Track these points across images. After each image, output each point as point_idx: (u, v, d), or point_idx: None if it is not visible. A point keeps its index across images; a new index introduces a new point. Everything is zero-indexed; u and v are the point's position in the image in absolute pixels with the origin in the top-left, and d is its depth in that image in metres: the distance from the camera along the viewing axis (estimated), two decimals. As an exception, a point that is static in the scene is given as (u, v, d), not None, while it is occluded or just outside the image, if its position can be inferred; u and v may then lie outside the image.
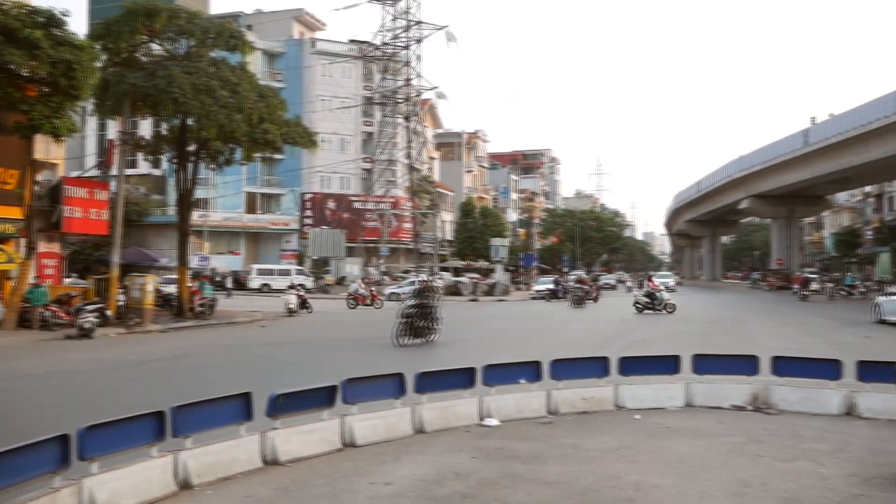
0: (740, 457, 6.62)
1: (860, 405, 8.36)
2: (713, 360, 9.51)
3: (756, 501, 5.33)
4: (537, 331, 21.85)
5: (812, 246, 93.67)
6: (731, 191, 66.83)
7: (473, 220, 68.26)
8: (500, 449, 6.96)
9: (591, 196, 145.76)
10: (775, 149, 55.67)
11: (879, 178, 61.19)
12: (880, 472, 6.08)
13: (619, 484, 5.78)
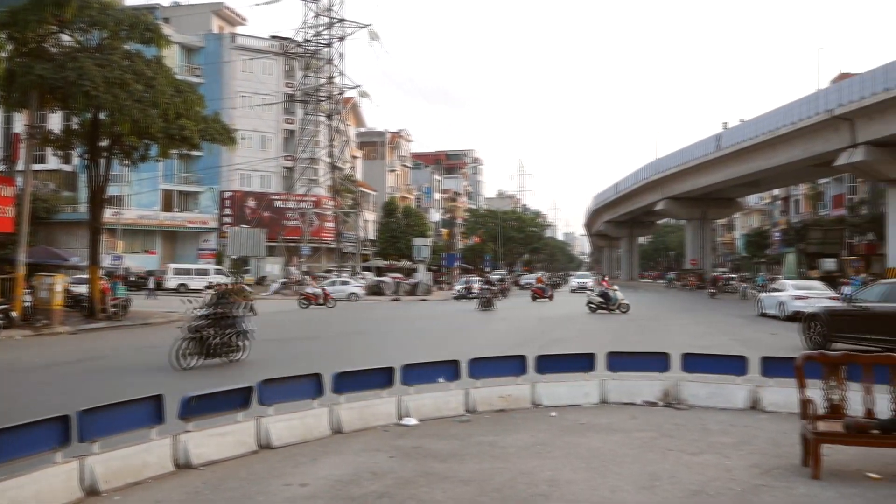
0: (651, 451, 6.81)
1: (764, 399, 8.71)
2: (627, 357, 9.76)
3: (664, 494, 5.49)
4: (457, 330, 21.98)
5: (724, 246, 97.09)
6: (648, 192, 68.68)
7: (396, 219, 68.26)
8: (417, 448, 6.98)
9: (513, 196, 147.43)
10: (689, 152, 57.49)
11: (786, 182, 63.90)
12: (780, 462, 6.35)
13: (533, 480, 5.87)
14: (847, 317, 15.18)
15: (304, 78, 59.22)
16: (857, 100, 37.09)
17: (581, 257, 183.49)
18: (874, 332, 14.14)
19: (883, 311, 14.13)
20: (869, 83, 36.67)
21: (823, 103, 40.00)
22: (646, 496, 5.44)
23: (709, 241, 71.44)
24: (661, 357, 9.39)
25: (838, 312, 15.70)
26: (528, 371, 9.22)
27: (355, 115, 73.29)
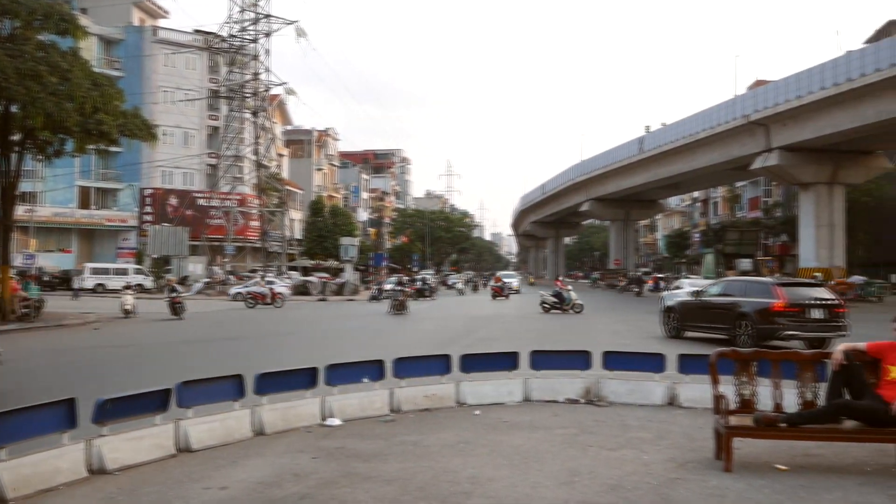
0: (571, 447, 6.93)
1: (681, 395, 8.97)
2: (550, 356, 9.91)
3: (583, 488, 5.60)
4: (384, 330, 21.92)
5: (646, 247, 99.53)
6: (574, 194, 69.86)
7: (323, 218, 67.64)
8: (340, 448, 6.94)
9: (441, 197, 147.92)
10: (613, 155, 58.73)
11: (705, 185, 65.92)
12: (695, 456, 6.55)
13: (456, 478, 5.90)
14: (694, 309, 17.77)
15: (229, 74, 58.14)
16: (771, 106, 38.55)
17: (508, 257, 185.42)
18: (712, 321, 16.89)
19: (719, 304, 16.79)
20: (783, 90, 38.14)
21: (740, 109, 41.43)
22: (565, 491, 5.53)
23: (632, 241, 73.12)
24: (582, 355, 9.56)
25: (689, 305, 18.23)
26: (453, 370, 9.27)
27: (282, 113, 72.33)
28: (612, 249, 71.36)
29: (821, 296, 15.53)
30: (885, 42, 34.01)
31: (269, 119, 59.87)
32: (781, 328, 14.82)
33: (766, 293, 15.56)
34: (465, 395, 9.05)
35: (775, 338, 15.01)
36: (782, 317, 14.83)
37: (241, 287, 43.27)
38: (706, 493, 5.48)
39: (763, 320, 15.05)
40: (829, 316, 15.01)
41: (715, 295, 17.43)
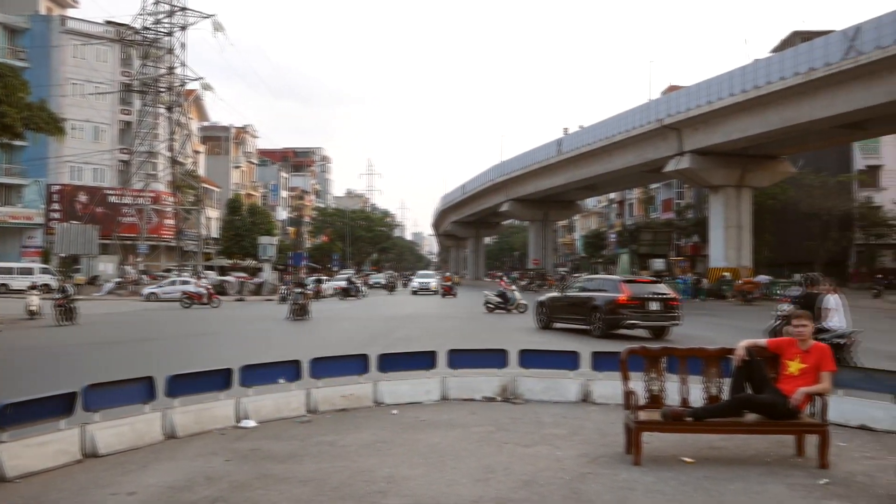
0: (487, 445, 7.01)
1: (594, 392, 9.18)
2: (467, 354, 9.99)
3: (498, 485, 5.67)
4: (304, 330, 21.69)
5: (565, 247, 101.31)
6: (494, 194, 70.54)
7: (241, 217, 66.34)
8: (255, 450, 6.84)
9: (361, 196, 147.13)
10: (533, 156, 59.59)
11: (621, 186, 67.57)
12: (606, 451, 6.71)
13: (372, 477, 5.89)
14: (560, 303, 20.32)
15: (143, 67, 56.41)
16: (683, 111, 39.83)
17: (429, 257, 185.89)
18: (573, 313, 19.36)
19: (578, 298, 19.41)
20: (694, 96, 39.46)
21: (654, 113, 42.65)
22: (480, 488, 5.60)
23: (550, 241, 74.34)
24: (499, 354, 9.67)
25: (556, 300, 20.65)
26: (371, 370, 9.25)
27: (198, 109, 70.65)
28: (532, 249, 72.36)
29: (658, 291, 18.32)
30: (788, 52, 35.57)
31: (185, 115, 58.38)
32: (625, 318, 17.54)
33: (614, 289, 18.26)
34: (383, 394, 9.04)
35: (621, 326, 17.73)
36: (626, 308, 17.51)
37: (155, 287, 42.08)
38: (616, 487, 5.63)
39: (611, 311, 17.69)
40: (664, 308, 17.76)
41: (576, 291, 20.31)
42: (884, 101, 30.15)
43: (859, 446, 6.98)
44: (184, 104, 58.19)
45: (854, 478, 5.90)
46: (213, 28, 55.57)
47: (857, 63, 29.81)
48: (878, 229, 51.78)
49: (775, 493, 5.48)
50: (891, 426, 7.61)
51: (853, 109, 31.68)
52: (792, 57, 33.90)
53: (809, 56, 32.51)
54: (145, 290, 41.46)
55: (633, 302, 17.54)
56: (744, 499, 5.36)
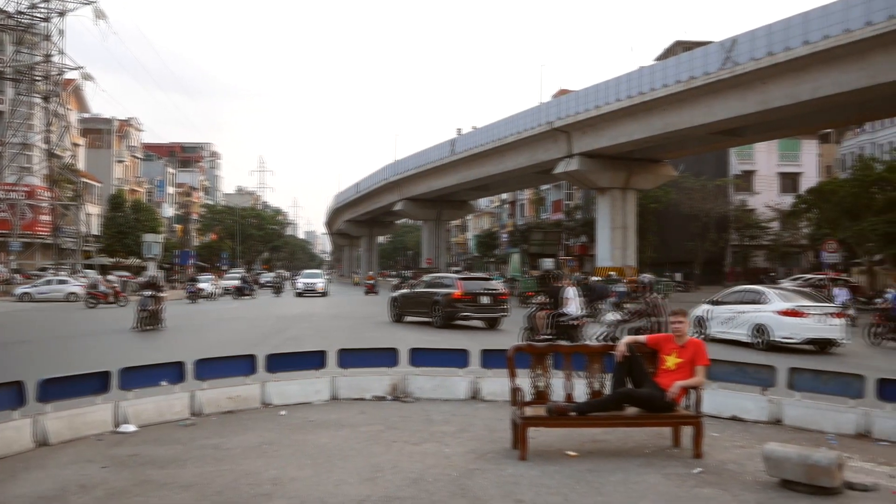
0: (377, 444, 6.99)
1: (483, 389, 9.30)
2: (357, 353, 9.94)
3: (385, 483, 5.67)
4: (192, 329, 21.04)
5: (458, 246, 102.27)
6: (388, 193, 70.41)
7: (124, 213, 63.69)
8: (134, 456, 6.58)
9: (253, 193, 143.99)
10: (427, 155, 59.81)
11: (513, 187, 68.74)
12: (494, 447, 6.82)
13: (257, 480, 5.78)
14: (409, 298, 22.68)
15: (16, 54, 53.28)
16: (573, 114, 40.88)
17: (322, 256, 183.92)
18: (419, 307, 21.64)
19: (423, 294, 21.89)
20: (583, 100, 40.57)
21: (545, 116, 43.60)
22: (368, 487, 5.58)
23: (444, 241, 74.83)
24: (390, 352, 9.66)
25: (406, 296, 23.05)
26: (259, 370, 9.06)
27: (77, 99, 67.32)
28: (425, 248, 72.64)
29: (490, 287, 21.14)
30: (671, 60, 37.09)
31: (63, 105, 55.49)
32: (460, 310, 20.12)
33: (452, 285, 20.84)
34: (271, 395, 8.88)
35: (457, 318, 20.25)
36: (460, 302, 20.10)
37: (28, 287, 39.88)
38: (502, 482, 5.72)
39: (448, 305, 20.21)
40: (494, 302, 20.39)
41: (422, 288, 22.73)
42: (757, 110, 31.85)
43: (730, 436, 7.36)
44: (62, 94, 55.32)
45: (725, 466, 6.22)
46: (95, 15, 53.10)
47: (734, 73, 31.36)
48: (752, 231, 54.75)
49: (653, 483, 5.70)
50: (759, 416, 8.06)
51: (729, 117, 33.32)
52: (674, 65, 35.35)
53: (690, 65, 33.99)
54: (18, 290, 39.22)
55: (466, 297, 20.11)
56: (623, 489, 5.55)
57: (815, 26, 28.10)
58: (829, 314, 16.21)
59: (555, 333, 13.07)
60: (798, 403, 7.95)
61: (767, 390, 8.16)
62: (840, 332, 16.09)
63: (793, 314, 15.97)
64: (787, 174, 59.54)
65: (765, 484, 5.66)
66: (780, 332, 15.90)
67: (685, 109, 34.74)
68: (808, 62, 28.56)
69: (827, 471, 5.33)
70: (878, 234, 36.51)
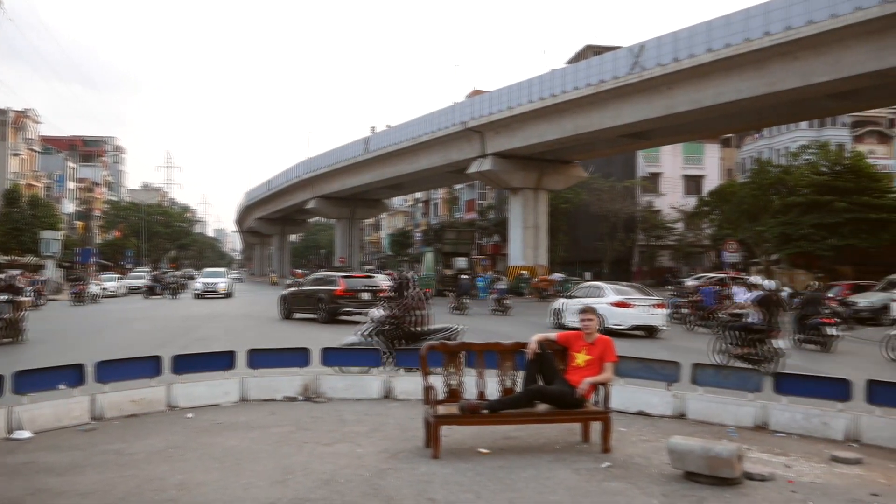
0: (287, 445, 6.87)
1: (396, 388, 9.27)
2: (268, 353, 9.76)
3: (296, 485, 5.57)
4: (94, 330, 20.24)
5: (371, 245, 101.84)
6: (300, 191, 69.51)
7: (20, 209, 60.63)
8: (29, 463, 6.26)
9: (159, 189, 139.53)
10: (340, 153, 59.32)
11: (427, 186, 68.94)
12: (406, 446, 6.80)
13: (162, 485, 5.59)
14: (297, 296, 23.54)
15: None
16: (486, 115, 41.28)
17: (233, 254, 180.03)
18: (305, 304, 22.64)
19: (308, 291, 22.93)
20: (497, 101, 41.02)
21: (459, 116, 43.87)
22: (278, 490, 5.47)
23: (357, 239, 74.38)
24: (301, 352, 9.52)
25: (294, 294, 23.90)
26: (165, 372, 8.78)
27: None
28: (338, 247, 71.99)
29: (370, 284, 22.31)
30: (582, 64, 37.91)
31: (-46, 95, 52.55)
32: (342, 306, 21.05)
33: (334, 283, 22.02)
34: (177, 397, 8.61)
35: (340, 314, 21.08)
36: (343, 298, 21.16)
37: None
38: (415, 481, 5.70)
39: (331, 301, 21.29)
40: (374, 298, 20.06)
41: (308, 286, 23.74)
42: (663, 114, 32.88)
43: (637, 430, 7.55)
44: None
45: (632, 460, 6.37)
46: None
47: (641, 78, 32.29)
48: (658, 231, 56.51)
49: (563, 478, 5.79)
50: (664, 411, 8.31)
51: (637, 120, 34.28)
52: (585, 69, 36.13)
53: (600, 69, 34.80)
54: None
55: (348, 293, 21.22)
56: (534, 485, 5.62)
57: (718, 35, 29.20)
58: (652, 305, 19.09)
59: None
60: (701, 398, 8.23)
61: (672, 385, 8.42)
62: (661, 320, 18.98)
63: (622, 305, 18.88)
64: (691, 177, 61.70)
65: (670, 476, 5.83)
66: (613, 320, 18.35)
67: (595, 112, 35.54)
68: (711, 69, 29.66)
69: (728, 462, 5.53)
70: (775, 235, 38.28)
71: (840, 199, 36.02)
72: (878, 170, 41.47)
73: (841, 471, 6.16)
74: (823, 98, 30.06)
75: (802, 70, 27.01)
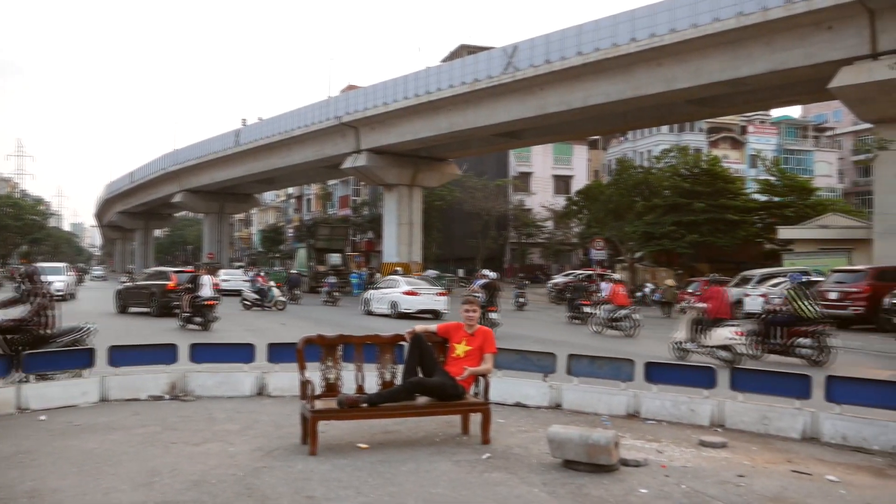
0: (153, 446, 6.47)
1: (270, 385, 8.96)
2: (131, 350, 9.20)
3: (163, 488, 5.23)
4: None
5: (242, 241, 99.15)
6: (166, 184, 66.70)
7: None
8: None
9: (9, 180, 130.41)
10: (209, 146, 57.29)
11: (301, 181, 67.81)
12: (282, 443, 6.55)
13: (11, 494, 5.10)
14: (131, 290, 24.57)
15: None
16: (361, 110, 40.92)
17: (91, 250, 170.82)
18: (139, 299, 23.54)
19: (142, 286, 24.01)
20: (372, 96, 40.73)
21: (334, 110, 43.27)
22: (143, 493, 5.11)
23: (227, 235, 72.13)
24: (168, 348, 9.03)
25: (128, 289, 24.90)
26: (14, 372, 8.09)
27: None
28: (206, 243, 69.55)
29: None
30: (457, 62, 38.25)
31: None
32: (173, 300, 21.15)
33: (167, 278, 23.03)
34: (28, 398, 7.94)
35: (172, 307, 21.10)
36: (174, 293, 21.40)
37: None
38: (292, 479, 5.48)
39: (163, 295, 22.17)
40: None
41: (143, 281, 24.86)
42: (535, 114, 33.63)
43: (515, 421, 7.60)
44: None
45: (512, 450, 6.39)
46: None
47: (515, 78, 32.89)
48: (529, 229, 57.88)
49: (444, 471, 5.72)
50: (541, 402, 8.42)
51: (510, 119, 34.91)
52: (460, 67, 36.46)
53: (475, 68, 35.20)
54: None
55: (179, 288, 21.19)
56: (415, 478, 5.51)
57: (588, 38, 30.14)
58: (435, 294, 24.36)
59: (192, 311, 18.43)
60: (576, 388, 8.39)
61: (549, 376, 8.53)
62: (443, 305, 23.88)
63: (412, 294, 24.03)
64: (560, 177, 63.60)
65: (549, 465, 5.87)
66: (404, 306, 23.59)
67: (470, 110, 35.93)
68: (581, 72, 30.59)
69: (605, 449, 5.62)
70: (639, 234, 39.98)
71: (698, 200, 38.09)
72: (731, 173, 44.17)
73: (709, 454, 6.41)
74: (684, 103, 31.65)
75: (666, 76, 28.30)
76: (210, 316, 18.38)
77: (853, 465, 6.25)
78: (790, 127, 62.80)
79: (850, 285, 20.85)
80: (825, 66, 24.33)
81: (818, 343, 13.04)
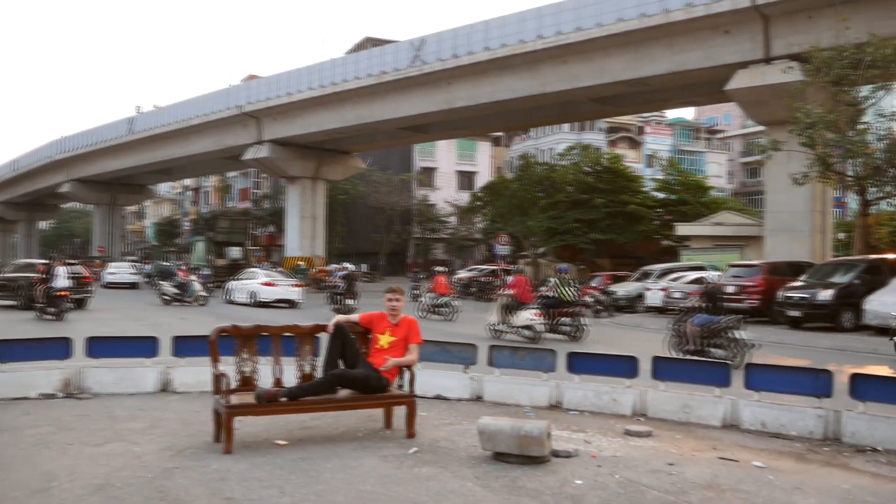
0: (47, 448, 5.91)
1: (175, 380, 8.43)
2: (18, 345, 8.40)
3: (62, 494, 4.74)
4: None
5: (134, 234, 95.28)
6: (52, 173, 63.19)
7: None
8: None
9: None
10: (100, 133, 54.61)
11: (199, 172, 65.64)
12: (193, 442, 6.11)
13: None
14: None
15: None
16: (264, 100, 39.87)
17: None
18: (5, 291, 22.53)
19: (10, 279, 23.02)
20: (275, 86, 39.74)
21: (235, 99, 41.99)
22: (39, 500, 4.62)
23: (119, 228, 69.03)
24: (61, 342, 8.34)
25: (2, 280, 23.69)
26: None
27: None
28: (96, 236, 66.37)
29: (75, 272, 22.13)
30: (363, 54, 37.78)
31: None
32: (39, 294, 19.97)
33: (35, 270, 21.57)
34: None
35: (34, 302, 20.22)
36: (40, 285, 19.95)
37: None
38: (207, 479, 5.08)
39: (30, 289, 20.50)
40: (79, 284, 21.90)
41: (10, 273, 24.35)
42: (442, 108, 33.54)
43: (438, 414, 7.38)
44: None
45: (438, 444, 6.16)
46: None
47: (422, 71, 32.70)
48: (432, 225, 57.91)
49: (371, 467, 5.44)
50: (462, 394, 8.23)
51: (417, 113, 34.70)
52: (367, 59, 35.98)
53: (382, 60, 34.80)
54: None
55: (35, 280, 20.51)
56: (342, 475, 5.21)
57: (495, 34, 30.26)
58: (291, 285, 26.79)
59: (46, 302, 18.43)
60: (497, 380, 8.24)
61: (469, 368, 8.35)
62: (298, 295, 26.15)
63: (269, 284, 26.27)
64: (464, 172, 63.88)
65: (479, 458, 5.68)
66: (262, 296, 25.64)
67: (376, 103, 35.53)
68: (488, 67, 30.68)
69: (538, 440, 5.46)
70: (542, 229, 40.54)
71: (600, 195, 38.92)
72: (631, 172, 45.39)
73: (636, 444, 6.36)
74: (588, 101, 32.23)
75: (571, 74, 28.70)
76: (63, 306, 18.37)
77: (775, 450, 6.33)
78: (684, 128, 65.16)
79: (746, 279, 21.59)
80: (722, 68, 25.18)
81: (575, 322, 15.55)
